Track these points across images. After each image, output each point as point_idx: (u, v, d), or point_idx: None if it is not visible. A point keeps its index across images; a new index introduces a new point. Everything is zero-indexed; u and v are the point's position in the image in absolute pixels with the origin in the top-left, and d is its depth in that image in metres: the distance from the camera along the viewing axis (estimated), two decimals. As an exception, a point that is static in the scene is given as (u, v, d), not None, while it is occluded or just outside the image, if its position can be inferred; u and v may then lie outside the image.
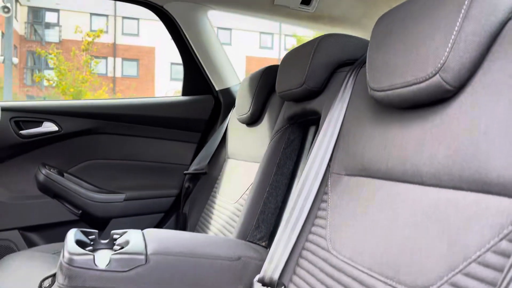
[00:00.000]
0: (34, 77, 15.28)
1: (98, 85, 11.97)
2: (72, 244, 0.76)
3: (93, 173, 1.58)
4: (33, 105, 1.54)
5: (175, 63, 17.81)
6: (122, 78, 18.02)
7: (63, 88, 11.06)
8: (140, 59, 18.74)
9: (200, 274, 0.78)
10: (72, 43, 14.59)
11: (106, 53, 17.98)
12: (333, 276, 0.62)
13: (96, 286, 0.72)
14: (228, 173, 1.38)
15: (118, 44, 18.62)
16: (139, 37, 18.88)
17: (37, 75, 14.36)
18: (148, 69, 18.44)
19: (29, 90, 16.48)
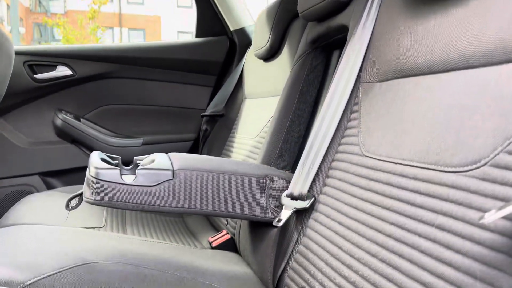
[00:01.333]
0: (42, 46, 15.21)
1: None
2: (97, 160, 0.74)
3: (109, 118, 1.57)
4: (47, 49, 1.52)
5: (182, 31, 17.56)
6: (128, 45, 17.86)
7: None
8: (146, 29, 18.50)
9: (227, 189, 0.77)
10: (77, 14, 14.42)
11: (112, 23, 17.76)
12: (369, 176, 0.60)
13: (123, 200, 0.71)
14: (246, 113, 1.36)
15: (124, 14, 18.35)
16: (144, 5, 18.56)
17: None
18: (155, 38, 18.21)
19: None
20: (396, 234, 0.50)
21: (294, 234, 0.73)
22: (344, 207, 0.63)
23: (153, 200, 0.72)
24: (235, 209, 0.77)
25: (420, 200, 0.49)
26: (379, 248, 0.52)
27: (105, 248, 0.80)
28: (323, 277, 0.62)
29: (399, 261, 0.48)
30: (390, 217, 0.52)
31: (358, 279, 0.54)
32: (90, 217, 1.10)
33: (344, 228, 0.61)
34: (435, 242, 0.44)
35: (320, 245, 0.65)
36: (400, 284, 0.47)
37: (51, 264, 0.68)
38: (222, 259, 0.93)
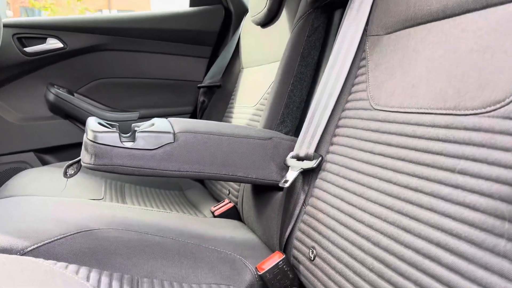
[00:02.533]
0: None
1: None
2: (95, 124, 0.71)
3: (103, 92, 1.53)
4: (36, 21, 1.46)
5: (173, 12, 17.22)
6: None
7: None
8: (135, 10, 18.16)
9: (230, 152, 0.74)
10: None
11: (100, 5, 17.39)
12: (380, 129, 0.58)
13: (123, 165, 0.69)
14: (244, 82, 1.32)
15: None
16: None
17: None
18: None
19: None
20: (413, 183, 0.48)
21: (300, 195, 0.71)
22: (354, 163, 0.61)
23: (155, 163, 0.70)
24: (239, 172, 0.75)
25: (439, 147, 0.46)
26: (393, 199, 0.50)
27: (107, 216, 0.78)
28: (334, 234, 0.60)
29: (418, 210, 0.46)
30: (405, 167, 0.50)
31: (372, 233, 0.52)
32: (89, 190, 1.07)
33: (355, 183, 0.59)
34: (457, 188, 0.42)
35: (329, 204, 0.63)
36: (419, 233, 0.45)
37: (51, 231, 0.66)
38: (226, 226, 0.91)
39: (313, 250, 0.64)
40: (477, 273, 0.37)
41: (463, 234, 0.40)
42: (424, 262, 0.43)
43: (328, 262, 0.60)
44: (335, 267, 0.58)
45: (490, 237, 0.37)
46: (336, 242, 0.59)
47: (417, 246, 0.45)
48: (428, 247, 0.43)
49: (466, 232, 0.40)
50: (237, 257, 0.73)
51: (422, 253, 0.44)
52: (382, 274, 0.48)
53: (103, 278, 0.58)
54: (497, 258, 0.36)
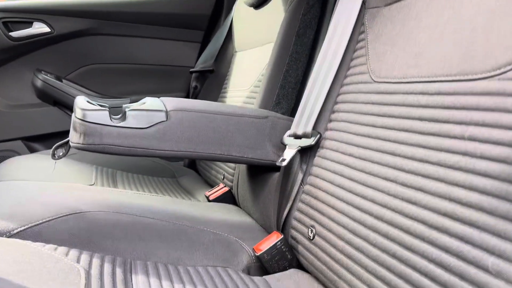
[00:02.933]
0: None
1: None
2: (83, 101, 0.68)
3: (92, 78, 1.49)
4: (22, 5, 1.41)
5: None
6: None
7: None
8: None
9: (225, 131, 0.72)
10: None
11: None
12: (382, 101, 0.55)
13: (114, 144, 0.66)
14: (237, 66, 1.29)
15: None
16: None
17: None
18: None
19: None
20: (418, 154, 0.46)
21: (298, 174, 0.69)
22: (355, 138, 0.59)
23: (147, 143, 0.67)
24: (234, 152, 0.73)
25: (446, 115, 0.44)
26: (398, 172, 0.48)
27: (98, 199, 0.75)
28: (334, 211, 0.58)
29: (423, 181, 0.44)
30: (410, 138, 0.48)
31: (375, 207, 0.50)
32: (79, 176, 1.04)
33: (356, 158, 0.57)
34: (465, 155, 0.40)
35: (328, 181, 0.61)
36: (425, 205, 0.43)
37: (40, 214, 0.63)
38: (221, 209, 0.89)
39: (312, 229, 0.62)
40: (490, 241, 0.35)
41: (473, 202, 0.38)
42: (432, 233, 0.41)
43: (328, 240, 0.58)
44: (335, 245, 0.56)
45: (503, 203, 0.36)
46: (337, 219, 0.57)
47: (424, 218, 0.43)
48: (436, 218, 0.41)
49: (477, 200, 0.38)
50: (233, 238, 0.71)
51: (429, 224, 0.42)
52: (386, 248, 0.46)
53: (94, 260, 0.56)
54: (511, 224, 0.34)
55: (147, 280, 0.55)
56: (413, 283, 0.42)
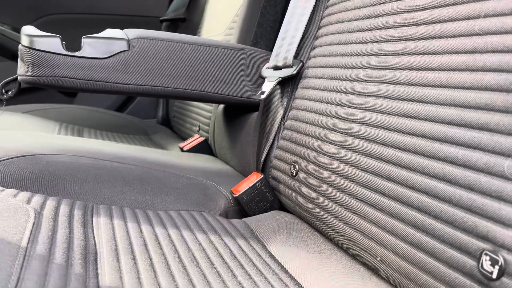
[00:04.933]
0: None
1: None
2: (31, 28, 0.59)
3: (54, 30, 1.35)
4: None
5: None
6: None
7: None
8: None
9: (196, 62, 0.64)
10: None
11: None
12: (372, 14, 0.49)
13: (68, 76, 0.58)
14: (211, 11, 1.20)
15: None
16: None
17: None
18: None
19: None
20: (416, 62, 0.40)
21: (279, 110, 0.63)
22: (341, 59, 0.52)
23: (106, 74, 0.59)
24: (208, 88, 0.65)
25: (449, 12, 0.38)
26: (393, 86, 0.42)
27: (56, 144, 0.67)
28: (318, 142, 0.52)
29: (423, 91, 0.38)
30: (406, 47, 0.42)
31: (367, 130, 0.44)
32: (41, 129, 0.95)
33: (343, 81, 0.51)
34: (474, 52, 0.34)
35: (312, 111, 0.55)
36: (426, 115, 0.37)
37: (-15, 155, 0.55)
38: (196, 158, 0.82)
39: (295, 165, 0.56)
40: (505, 142, 0.30)
41: (483, 104, 0.32)
42: (433, 146, 0.36)
43: (313, 174, 0.52)
44: (321, 177, 0.50)
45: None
46: (322, 150, 0.51)
47: (424, 130, 0.37)
48: (438, 128, 0.36)
49: (488, 100, 0.32)
50: (209, 183, 0.65)
51: (430, 137, 0.36)
52: (380, 171, 0.41)
53: (48, 202, 0.49)
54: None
55: (110, 222, 0.49)
56: (412, 205, 0.36)
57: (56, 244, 0.39)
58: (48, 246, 0.38)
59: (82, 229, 0.45)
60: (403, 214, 0.37)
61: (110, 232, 0.46)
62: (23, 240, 0.37)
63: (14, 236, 0.37)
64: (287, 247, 0.50)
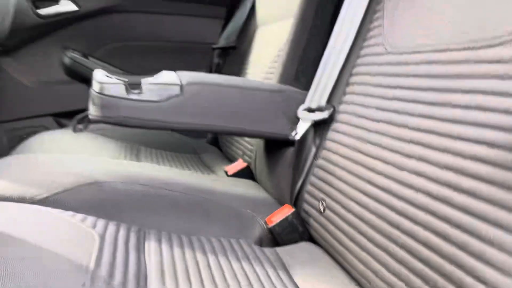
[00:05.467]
0: None
1: None
2: (101, 75, 0.70)
3: (118, 55, 1.52)
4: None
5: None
6: None
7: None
8: None
9: (239, 104, 0.72)
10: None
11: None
12: (395, 72, 0.54)
13: (130, 117, 0.68)
14: (259, 42, 1.28)
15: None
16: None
17: None
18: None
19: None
20: (424, 125, 0.45)
21: (312, 149, 0.69)
22: (369, 111, 0.58)
23: (162, 116, 0.69)
24: (248, 126, 0.73)
25: (454, 84, 0.43)
26: (406, 144, 0.47)
27: (116, 170, 0.78)
28: (344, 185, 0.58)
29: (429, 152, 0.43)
30: (417, 109, 0.47)
31: (386, 181, 0.49)
32: (103, 150, 1.07)
33: (369, 132, 0.56)
34: (473, 125, 0.39)
35: (341, 155, 0.61)
36: (430, 175, 0.42)
37: (61, 183, 0.66)
38: (237, 184, 0.90)
39: (323, 202, 0.62)
40: (490, 211, 0.35)
41: (476, 172, 0.37)
42: (435, 204, 0.41)
43: (338, 213, 0.58)
44: (345, 218, 0.56)
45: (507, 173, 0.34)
46: (347, 193, 0.57)
47: (428, 189, 0.42)
48: (439, 189, 0.40)
49: (481, 171, 0.37)
50: (247, 211, 0.72)
51: (433, 196, 0.41)
52: (392, 221, 0.46)
53: (109, 227, 0.58)
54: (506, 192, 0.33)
55: (159, 247, 0.57)
56: (414, 254, 0.41)
57: (116, 267, 0.48)
58: (109, 268, 0.47)
59: (136, 253, 0.54)
60: (410, 262, 0.42)
61: (158, 256, 0.55)
62: (90, 264, 0.46)
63: (83, 260, 0.46)
64: (312, 279, 0.56)
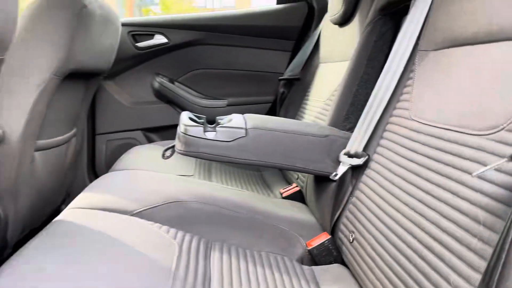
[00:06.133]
0: (142, 11, 16.23)
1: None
2: (186, 119, 0.91)
3: (198, 81, 1.76)
4: (146, 20, 1.72)
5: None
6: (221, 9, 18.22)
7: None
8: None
9: (292, 147, 0.88)
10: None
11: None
12: (414, 138, 0.67)
13: (206, 152, 0.87)
14: (319, 77, 1.44)
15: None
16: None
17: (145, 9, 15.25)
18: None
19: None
20: (427, 187, 0.58)
21: (349, 187, 0.83)
22: (393, 166, 0.71)
23: (230, 153, 0.87)
24: (298, 164, 0.89)
25: (449, 159, 0.56)
26: (413, 200, 0.61)
27: (194, 190, 0.98)
28: (369, 224, 0.72)
29: (424, 208, 0.57)
30: (425, 173, 0.60)
31: (406, 235, 0.63)
32: (182, 167, 1.30)
33: (392, 185, 0.69)
34: (454, 194, 0.52)
35: (370, 199, 0.75)
36: (424, 228, 0.56)
37: (152, 200, 0.88)
38: (290, 207, 1.06)
39: (352, 234, 0.77)
40: (452, 260, 0.48)
41: (451, 233, 0.50)
42: (429, 241, 0.54)
43: (362, 245, 0.72)
44: (366, 250, 0.70)
45: (470, 238, 0.47)
46: (370, 230, 0.71)
47: (429, 231, 0.55)
48: (434, 232, 0.54)
49: (452, 231, 0.50)
50: (293, 233, 0.88)
51: (431, 236, 0.54)
52: (405, 254, 0.60)
53: (186, 238, 0.77)
54: (470, 252, 0.46)
55: (221, 256, 0.76)
56: (420, 284, 0.55)
57: (189, 270, 0.67)
58: (185, 271, 0.66)
59: (204, 260, 0.73)
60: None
61: (220, 264, 0.73)
62: (172, 266, 0.66)
63: (167, 263, 0.66)
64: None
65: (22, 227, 1.17)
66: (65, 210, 0.82)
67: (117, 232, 0.72)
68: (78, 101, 1.38)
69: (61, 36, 1.05)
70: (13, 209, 1.08)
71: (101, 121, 1.73)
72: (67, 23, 1.05)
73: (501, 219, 0.44)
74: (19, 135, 1.02)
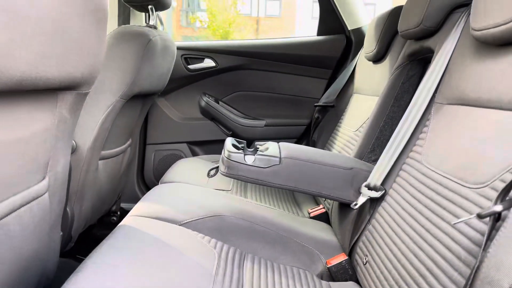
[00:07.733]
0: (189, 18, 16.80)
1: (243, 26, 12.75)
2: (230, 145, 1.06)
3: (240, 102, 1.92)
4: (197, 45, 1.91)
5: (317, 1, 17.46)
6: (265, 18, 18.55)
7: (213, 29, 12.09)
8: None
9: (319, 176, 1.02)
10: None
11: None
12: (422, 181, 0.79)
13: (244, 176, 1.02)
14: (352, 106, 1.56)
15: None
16: (280, -27, 18.86)
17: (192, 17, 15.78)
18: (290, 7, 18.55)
19: (184, 32, 18.28)
20: (427, 225, 0.70)
21: (367, 216, 0.96)
22: (404, 203, 0.83)
23: (265, 178, 1.02)
24: (324, 191, 1.02)
25: (446, 204, 0.68)
26: (417, 236, 0.73)
27: (233, 206, 1.13)
28: (380, 250, 0.84)
29: (424, 244, 0.68)
30: (428, 215, 0.72)
31: (407, 264, 0.75)
32: (223, 183, 1.45)
33: (401, 219, 0.81)
34: (446, 234, 0.64)
35: (383, 228, 0.87)
36: (419, 258, 0.67)
37: (197, 212, 1.03)
38: (315, 226, 1.19)
39: (366, 257, 0.89)
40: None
41: (434, 272, 0.62)
42: (424, 272, 0.66)
43: (373, 268, 0.84)
44: (376, 273, 0.82)
45: (451, 272, 0.59)
46: (380, 256, 0.83)
47: (424, 261, 0.67)
48: (427, 263, 0.66)
49: (443, 265, 0.62)
50: (315, 251, 1.01)
51: (424, 265, 0.66)
52: (406, 280, 0.72)
53: (224, 248, 0.92)
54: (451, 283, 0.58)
55: (252, 267, 0.90)
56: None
57: (226, 276, 0.82)
58: (222, 277, 0.81)
59: (238, 269, 0.87)
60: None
61: (251, 273, 0.87)
62: (212, 272, 0.81)
63: (209, 269, 0.81)
64: (348, 308, 0.83)
65: (84, 224, 1.36)
66: (127, 217, 0.99)
67: (169, 240, 0.88)
68: (135, 117, 1.57)
69: (129, 64, 1.24)
70: (79, 209, 1.28)
71: (151, 133, 1.92)
72: (136, 54, 1.24)
73: (476, 259, 0.56)
74: (88, 148, 1.22)
